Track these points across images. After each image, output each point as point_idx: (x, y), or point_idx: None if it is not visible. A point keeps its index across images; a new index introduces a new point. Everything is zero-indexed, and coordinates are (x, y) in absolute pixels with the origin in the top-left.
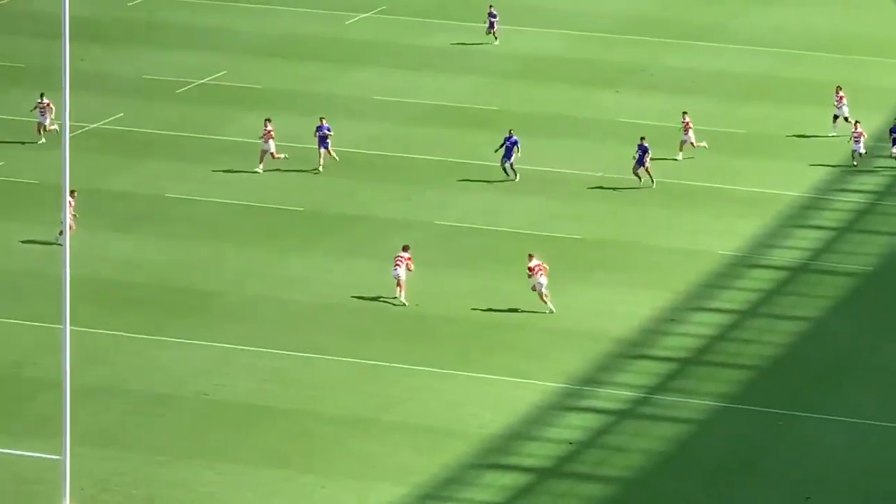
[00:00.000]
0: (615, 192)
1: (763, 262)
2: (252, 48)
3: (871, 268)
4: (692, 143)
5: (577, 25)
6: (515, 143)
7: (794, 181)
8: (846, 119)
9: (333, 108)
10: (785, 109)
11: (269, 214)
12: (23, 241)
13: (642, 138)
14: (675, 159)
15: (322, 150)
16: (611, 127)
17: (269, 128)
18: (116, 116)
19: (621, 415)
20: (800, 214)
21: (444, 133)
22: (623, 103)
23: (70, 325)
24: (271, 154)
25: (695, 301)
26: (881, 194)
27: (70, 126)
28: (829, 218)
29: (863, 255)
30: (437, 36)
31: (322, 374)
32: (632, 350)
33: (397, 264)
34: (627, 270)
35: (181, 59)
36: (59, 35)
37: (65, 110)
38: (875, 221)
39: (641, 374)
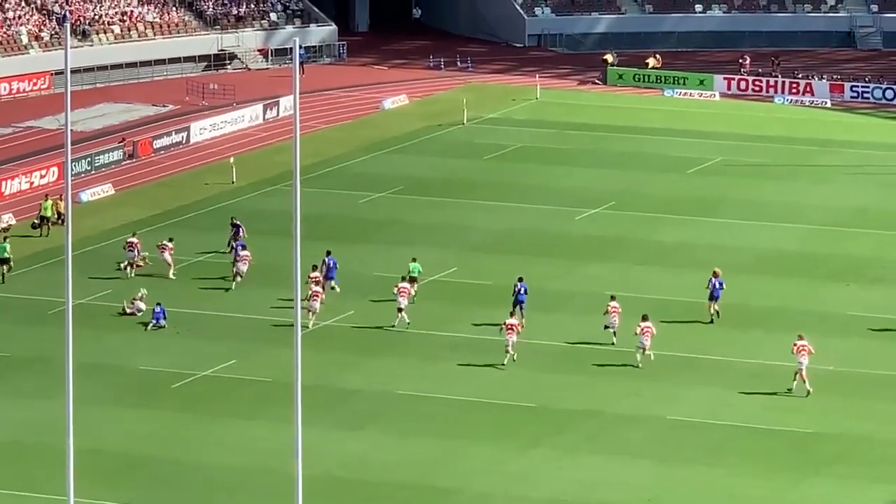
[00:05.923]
0: (848, 385)
1: None
2: (482, 244)
3: None
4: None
5: (805, 219)
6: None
7: None
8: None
9: (562, 303)
10: None
11: (499, 410)
12: (254, 439)
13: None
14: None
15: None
16: (840, 321)
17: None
18: (347, 314)
19: None
20: None
21: (674, 328)
22: (852, 297)
23: None
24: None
25: None
26: None
27: (301, 323)
28: None
29: None
30: (666, 231)
31: None
32: None
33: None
34: (860, 464)
35: (409, 257)
36: (289, 233)
37: (296, 310)
38: None
39: None
